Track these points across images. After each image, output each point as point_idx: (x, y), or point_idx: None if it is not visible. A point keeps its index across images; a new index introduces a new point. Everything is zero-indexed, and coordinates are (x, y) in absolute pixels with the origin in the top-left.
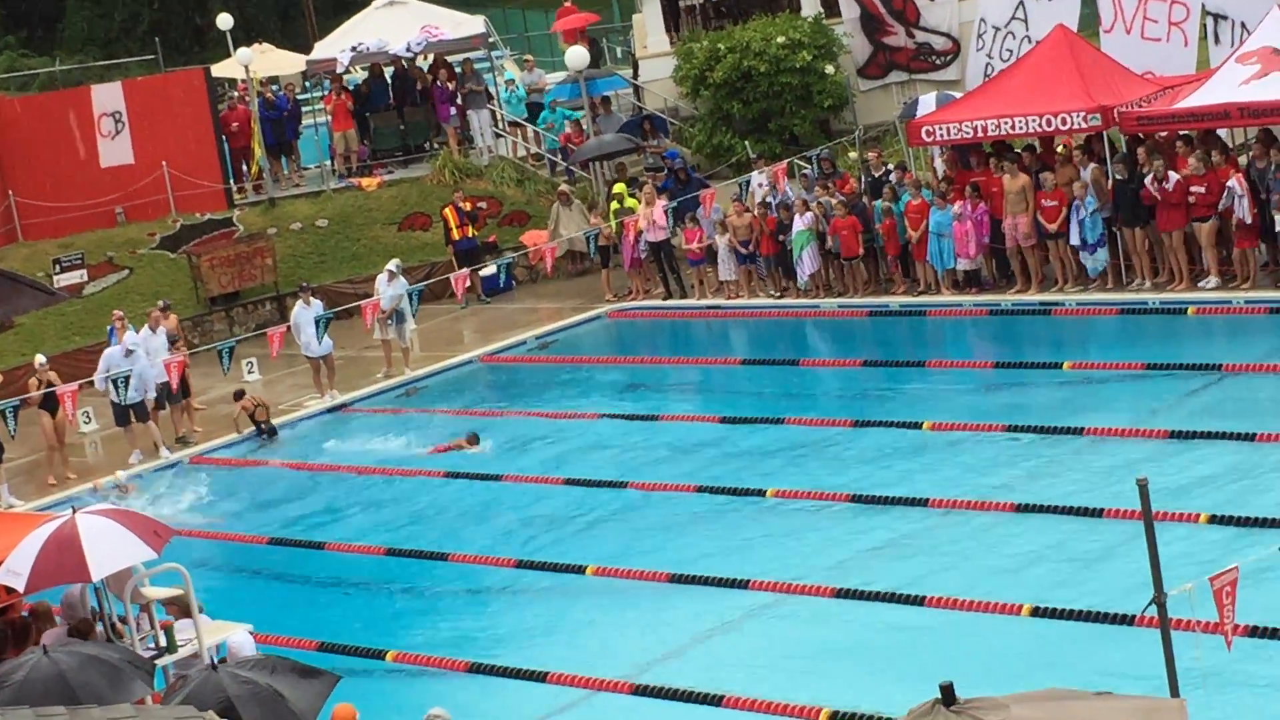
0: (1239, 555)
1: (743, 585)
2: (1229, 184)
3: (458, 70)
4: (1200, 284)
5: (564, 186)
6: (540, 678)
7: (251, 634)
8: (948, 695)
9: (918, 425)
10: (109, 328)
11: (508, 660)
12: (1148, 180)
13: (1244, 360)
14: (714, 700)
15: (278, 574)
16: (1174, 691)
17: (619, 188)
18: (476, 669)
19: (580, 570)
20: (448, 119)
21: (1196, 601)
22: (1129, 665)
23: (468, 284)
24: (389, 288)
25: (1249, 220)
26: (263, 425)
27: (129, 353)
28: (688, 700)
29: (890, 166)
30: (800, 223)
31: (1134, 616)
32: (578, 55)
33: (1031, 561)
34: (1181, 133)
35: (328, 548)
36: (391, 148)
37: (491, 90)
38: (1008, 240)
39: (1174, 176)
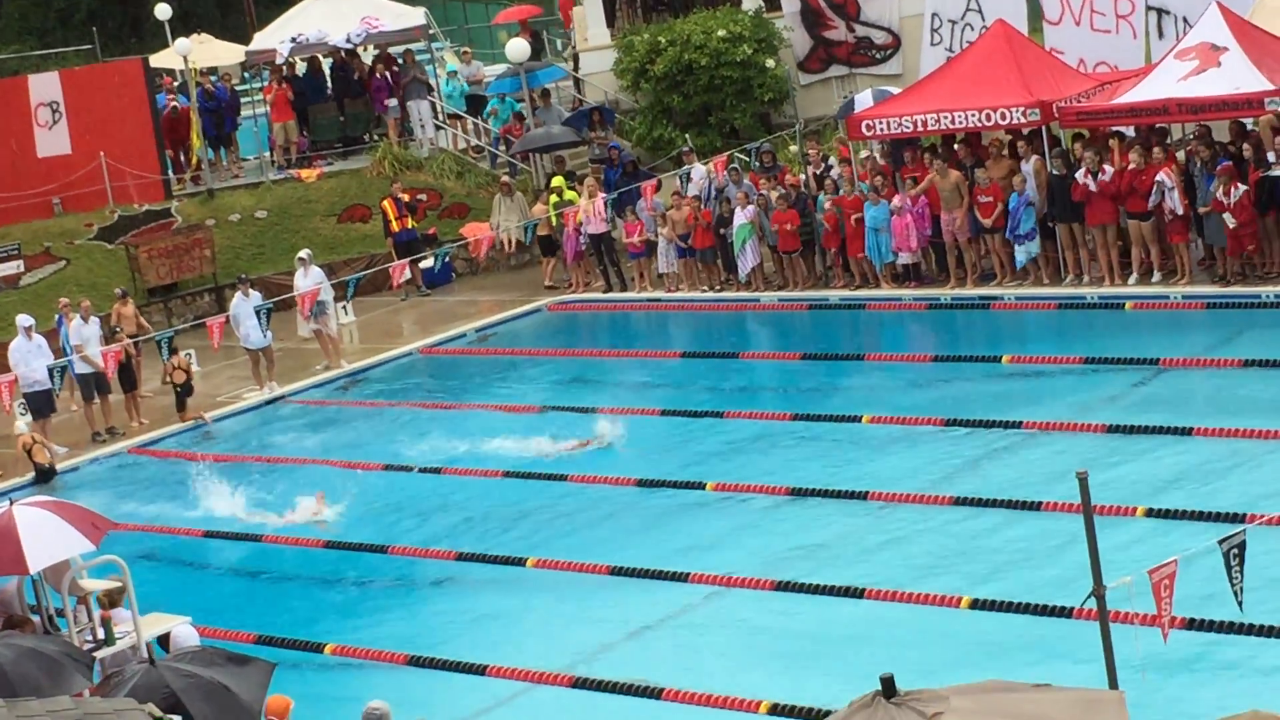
0: (1177, 548)
1: (683, 578)
2: (1158, 178)
3: (399, 61)
4: (1129, 280)
5: (505, 178)
6: (480, 670)
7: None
8: (888, 687)
9: (857, 419)
10: (57, 316)
11: (447, 653)
12: (1079, 174)
13: (1181, 355)
14: (654, 693)
15: (214, 567)
16: (1113, 683)
17: (557, 180)
18: (416, 662)
19: (520, 563)
20: (385, 110)
21: (1135, 594)
22: (1068, 657)
23: (406, 276)
24: (306, 279)
25: (1180, 212)
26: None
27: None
28: (627, 693)
29: (831, 161)
30: (742, 216)
31: (1073, 609)
32: (518, 47)
33: (971, 554)
34: (1114, 129)
35: (265, 540)
36: (331, 139)
37: (432, 82)
38: (945, 234)
39: (1108, 170)
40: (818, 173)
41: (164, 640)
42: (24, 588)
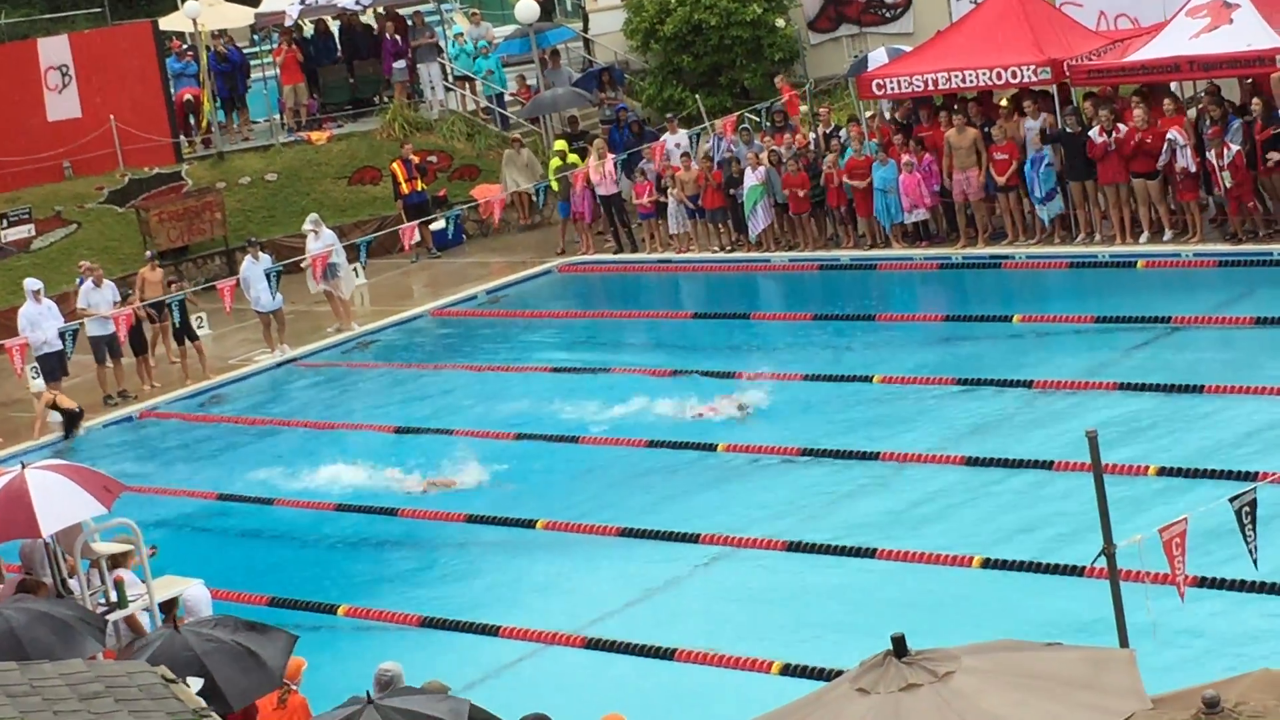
0: (1188, 507)
1: (693, 539)
2: (1169, 136)
3: (409, 23)
4: (1140, 239)
5: (516, 134)
6: (492, 631)
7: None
8: (899, 647)
9: (868, 379)
10: (79, 278)
11: (459, 615)
12: (1094, 133)
13: (1193, 313)
14: (666, 654)
15: (228, 530)
16: (1123, 642)
17: (559, 144)
18: (428, 623)
19: (531, 525)
20: (392, 72)
21: (1146, 553)
22: (1079, 616)
23: (417, 238)
24: (318, 243)
25: (1193, 169)
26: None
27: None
28: (640, 654)
29: (835, 122)
30: (752, 177)
31: (1084, 568)
32: (527, 8)
33: (982, 513)
34: (1125, 86)
35: (277, 503)
36: (340, 101)
37: (441, 44)
38: (955, 194)
39: (1123, 129)
40: (826, 132)
41: (171, 604)
42: (44, 550)
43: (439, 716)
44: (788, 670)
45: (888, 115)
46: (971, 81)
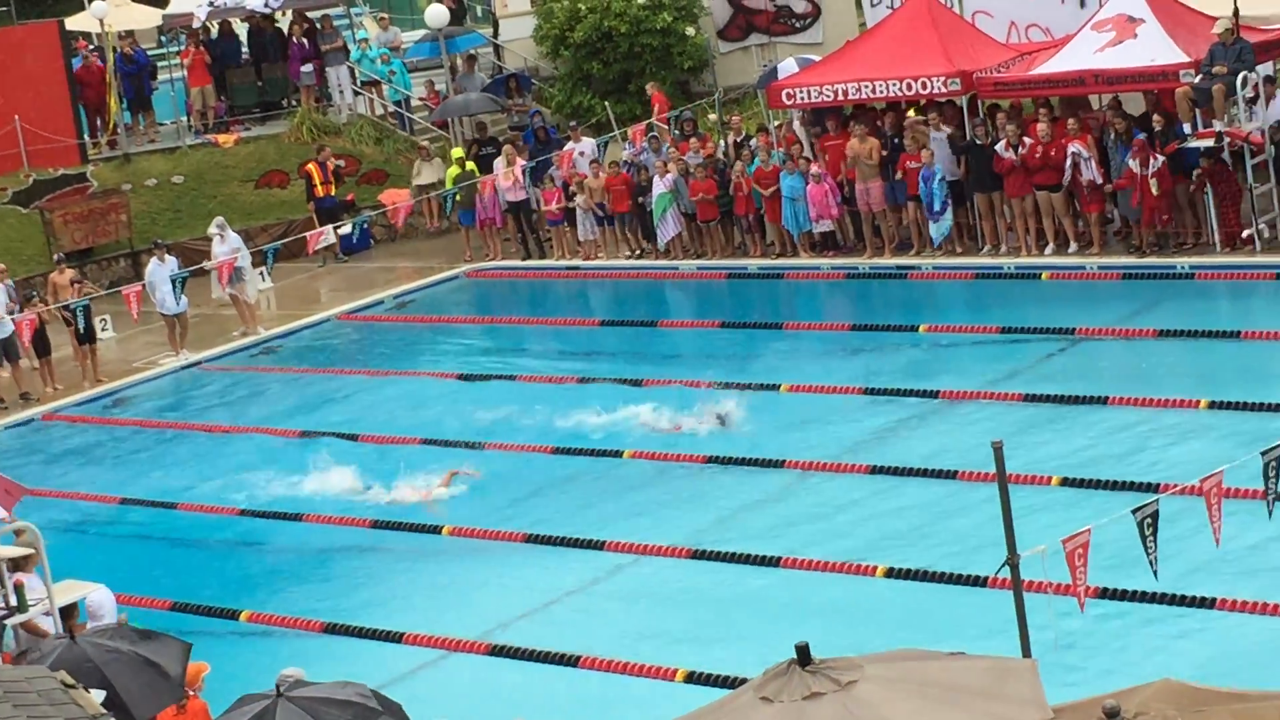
0: (1091, 518)
1: (599, 546)
2: (1071, 149)
3: (317, 27)
4: (1046, 251)
5: (424, 142)
6: (396, 638)
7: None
8: (803, 656)
9: (775, 387)
10: None
11: (363, 621)
12: (1000, 147)
13: (1097, 325)
14: (570, 661)
15: (129, 534)
16: (1026, 652)
17: (457, 152)
18: (332, 629)
19: (437, 530)
20: (299, 76)
21: (1049, 563)
22: (982, 626)
23: (329, 241)
24: (223, 246)
25: (1099, 182)
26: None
27: None
28: (544, 661)
29: (745, 131)
30: (661, 185)
31: (987, 578)
32: (437, 13)
33: (887, 523)
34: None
35: (180, 507)
36: (248, 104)
37: (350, 47)
38: (859, 205)
39: (1028, 142)
40: (737, 141)
41: (70, 610)
42: None
43: (346, 699)
44: (692, 678)
45: (797, 125)
46: (881, 92)
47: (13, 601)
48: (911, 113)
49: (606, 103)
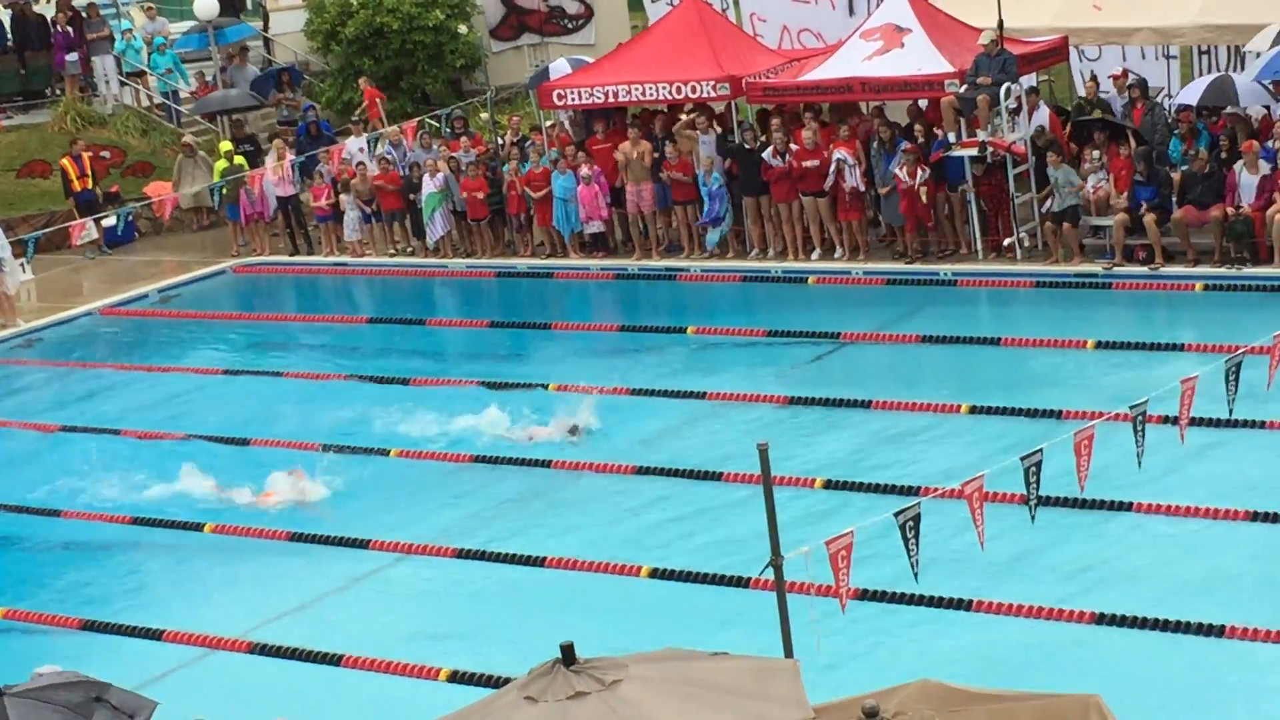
0: (854, 519)
1: (363, 545)
2: (836, 156)
3: (83, 15)
4: (812, 255)
5: (188, 138)
6: (156, 635)
7: None
8: (568, 655)
9: (544, 386)
10: None
11: (123, 618)
12: (767, 154)
13: (862, 329)
14: (333, 660)
15: None
16: (788, 652)
17: (225, 145)
18: (90, 626)
19: (199, 528)
20: (64, 65)
21: (812, 564)
22: (745, 626)
23: (92, 235)
24: None
25: (862, 188)
26: None
27: None
28: (306, 659)
29: (521, 132)
30: (431, 184)
31: (751, 578)
32: (206, 4)
33: (652, 523)
34: (804, 106)
35: None
36: (10, 92)
37: (116, 37)
38: (629, 207)
39: (794, 148)
40: (514, 140)
41: None
42: None
43: (70, 681)
44: (456, 677)
45: (567, 125)
46: (651, 95)
47: None
48: (683, 116)
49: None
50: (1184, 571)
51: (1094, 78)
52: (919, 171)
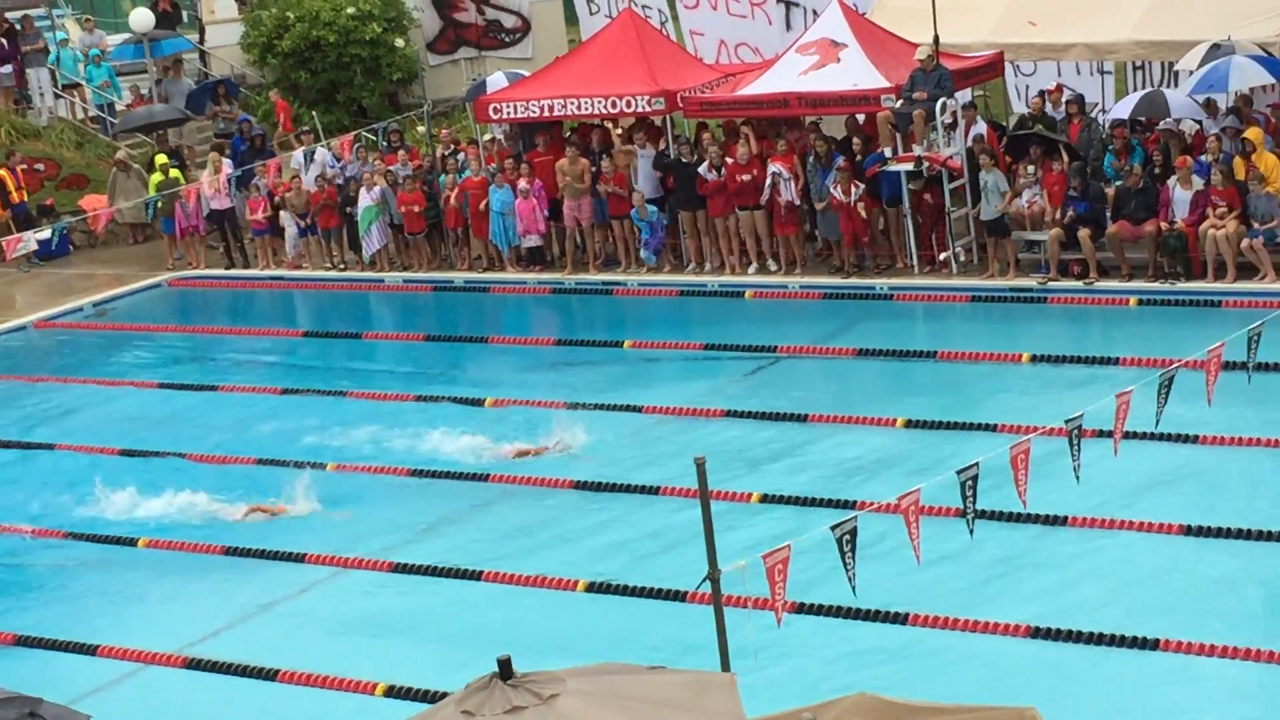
0: (791, 533)
1: (299, 559)
2: (772, 169)
3: (17, 27)
4: (750, 270)
5: (122, 153)
6: (90, 650)
7: None
8: (505, 669)
9: (479, 402)
10: None
11: (56, 633)
12: (703, 169)
13: (798, 343)
14: (269, 674)
15: None
16: (725, 666)
17: (160, 159)
18: (23, 642)
19: (133, 542)
20: None
21: (749, 578)
22: (683, 640)
23: (32, 247)
24: None
25: (798, 202)
26: None
27: None
28: (242, 674)
29: (456, 144)
30: (367, 197)
31: (688, 592)
32: (142, 17)
33: (589, 538)
34: (740, 120)
35: None
36: None
37: (51, 48)
38: (567, 221)
39: (730, 162)
40: (444, 154)
41: None
42: None
43: (5, 711)
44: (392, 692)
45: (503, 139)
46: (587, 109)
47: None
48: (618, 131)
49: (314, 112)
50: (1120, 585)
51: (1041, 94)
52: (853, 187)
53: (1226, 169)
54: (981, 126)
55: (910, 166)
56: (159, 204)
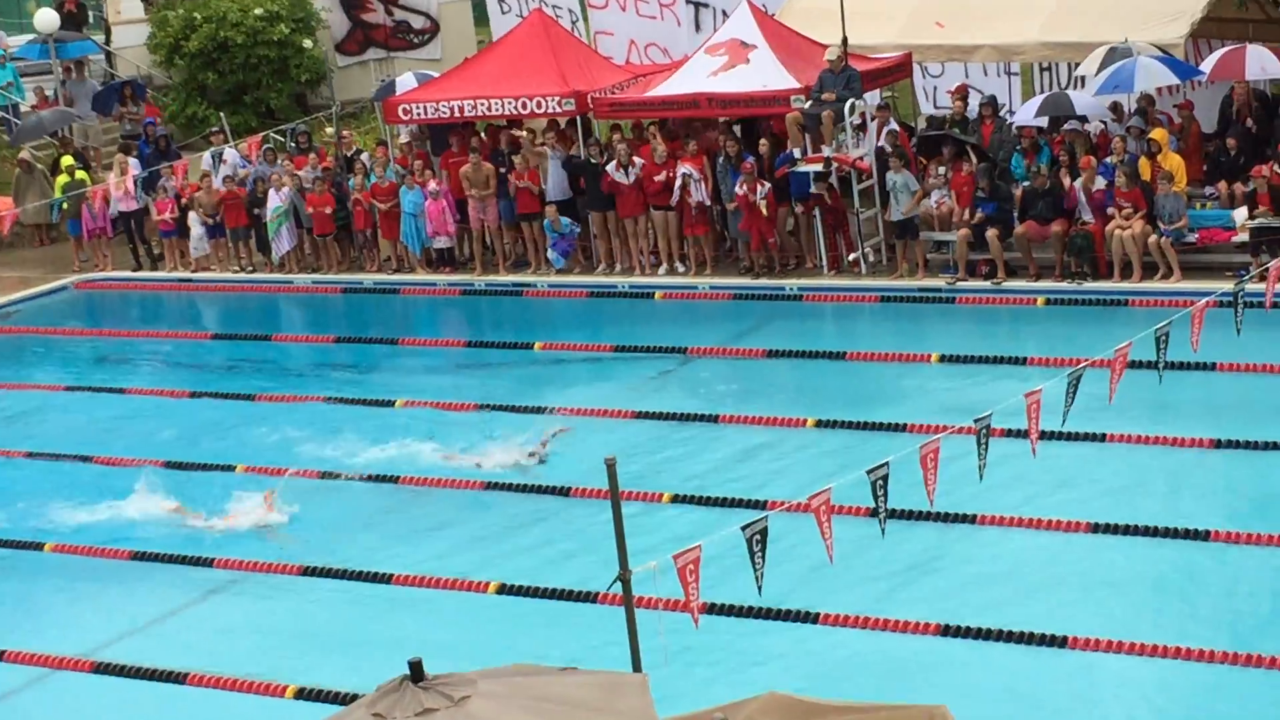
0: (702, 533)
1: (207, 563)
2: (682, 170)
3: None
4: (659, 270)
5: (25, 153)
6: None
7: None
8: (416, 671)
9: (390, 403)
10: None
11: None
12: (611, 168)
13: (708, 344)
14: (178, 678)
15: None
16: (637, 666)
17: (66, 160)
18: None
19: (39, 547)
20: None
21: (660, 578)
22: (594, 641)
23: None
24: None
25: (707, 203)
26: None
27: None
28: (150, 678)
29: (359, 146)
30: (276, 199)
31: (599, 593)
32: (47, 18)
33: (499, 539)
34: (648, 122)
35: None
36: None
37: None
38: (473, 223)
39: (638, 163)
40: (348, 155)
41: None
42: None
43: None
44: (302, 694)
45: (414, 141)
46: (497, 110)
47: None
48: (525, 132)
49: (222, 114)
50: (1028, 583)
51: (964, 97)
52: (759, 187)
53: (1131, 169)
54: (894, 128)
55: (819, 167)
56: (64, 205)
